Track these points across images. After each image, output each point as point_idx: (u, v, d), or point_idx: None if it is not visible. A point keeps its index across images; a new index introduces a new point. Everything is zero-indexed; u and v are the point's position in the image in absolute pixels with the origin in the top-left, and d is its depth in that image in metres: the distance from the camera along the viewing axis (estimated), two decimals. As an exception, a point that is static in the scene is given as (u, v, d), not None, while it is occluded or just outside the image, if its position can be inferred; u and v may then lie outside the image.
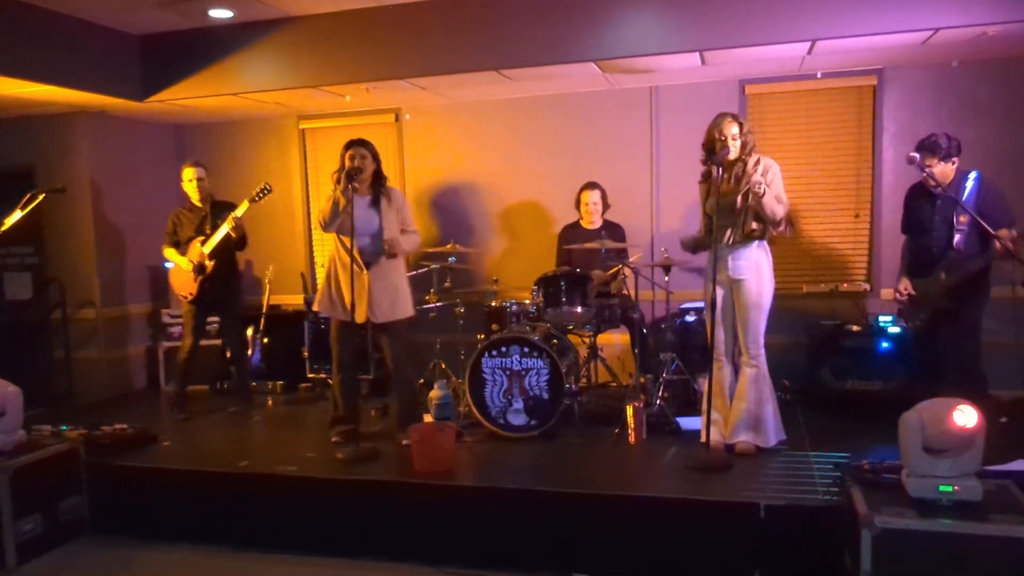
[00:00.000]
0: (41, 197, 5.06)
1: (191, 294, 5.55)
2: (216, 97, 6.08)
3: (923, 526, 2.88)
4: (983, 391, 4.88)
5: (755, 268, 4.29)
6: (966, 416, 2.94)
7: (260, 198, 5.45)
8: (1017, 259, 4.03)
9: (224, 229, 5.40)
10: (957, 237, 4.41)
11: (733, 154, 4.21)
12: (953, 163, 4.38)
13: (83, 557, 4.24)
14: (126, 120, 6.77)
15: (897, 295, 4.73)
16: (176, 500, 4.41)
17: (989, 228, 4.09)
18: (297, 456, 4.56)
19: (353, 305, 4.56)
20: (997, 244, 4.13)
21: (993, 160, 5.41)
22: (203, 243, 5.48)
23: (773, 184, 4.20)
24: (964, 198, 4.32)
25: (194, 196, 5.60)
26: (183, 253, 5.57)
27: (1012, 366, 4.71)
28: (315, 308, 5.05)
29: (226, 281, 5.67)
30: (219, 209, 5.57)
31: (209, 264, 5.47)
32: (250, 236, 5.68)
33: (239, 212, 5.38)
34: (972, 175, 4.38)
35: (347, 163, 4.57)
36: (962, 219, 4.38)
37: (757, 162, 4.25)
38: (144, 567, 4.10)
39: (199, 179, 5.57)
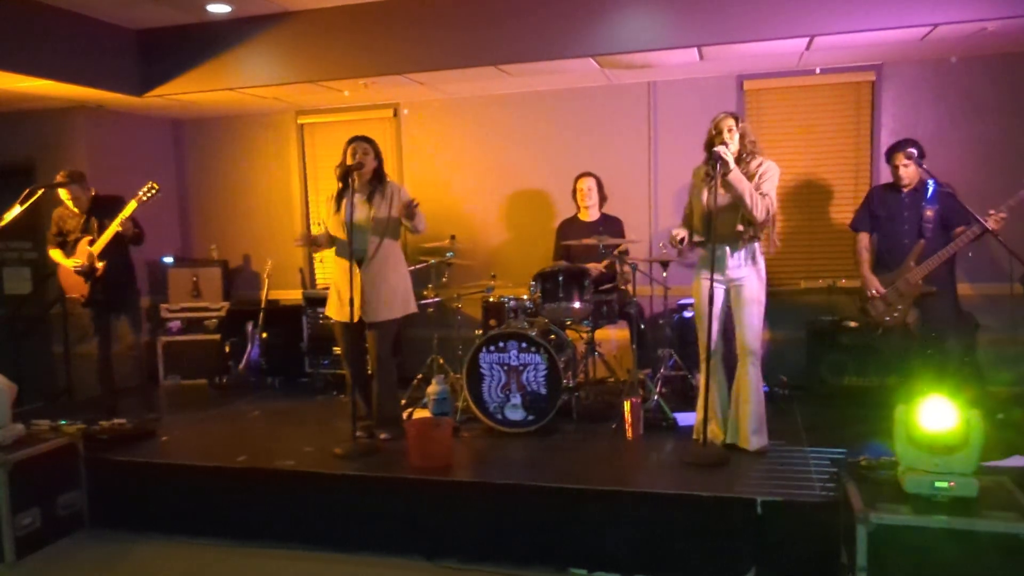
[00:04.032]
0: (40, 192, 5.05)
1: (83, 296, 5.32)
2: (214, 92, 6.07)
3: (918, 522, 2.88)
4: (980, 387, 4.91)
5: (751, 268, 4.26)
6: (951, 414, 2.95)
7: (147, 198, 5.21)
8: (1011, 251, 4.19)
9: (112, 231, 5.15)
10: (927, 228, 4.63)
11: (733, 148, 4.16)
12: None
13: (81, 551, 4.25)
14: (124, 115, 6.77)
15: (874, 292, 4.77)
16: (174, 495, 4.42)
17: (972, 214, 4.38)
18: (295, 451, 4.56)
19: (352, 303, 4.53)
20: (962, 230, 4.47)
21: (992, 156, 5.43)
22: (91, 243, 5.23)
23: (764, 183, 4.15)
24: (928, 196, 4.67)
25: (73, 209, 5.34)
26: (70, 254, 5.32)
27: (1009, 363, 4.72)
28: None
29: (121, 281, 5.44)
30: (103, 206, 5.32)
31: (100, 265, 5.22)
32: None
33: (126, 213, 5.13)
34: (930, 182, 4.69)
35: (349, 158, 4.56)
36: (928, 213, 4.65)
37: (759, 164, 4.20)
38: (142, 561, 4.10)
39: (75, 198, 5.28)
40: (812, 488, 3.66)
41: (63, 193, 5.28)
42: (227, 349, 6.56)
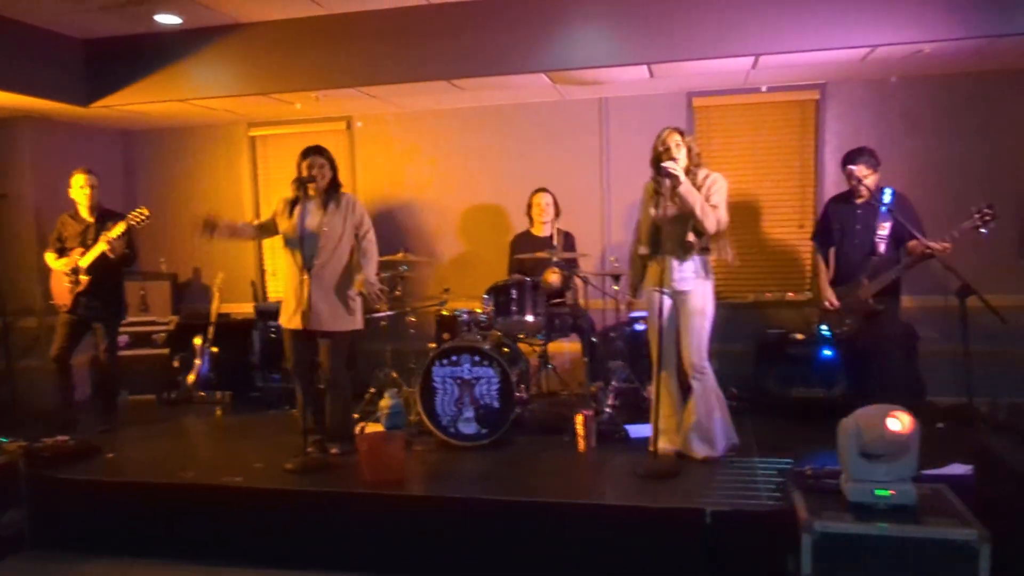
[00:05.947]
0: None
1: (65, 306, 5.28)
2: (164, 103, 5.99)
3: (860, 530, 2.95)
4: (920, 397, 5.04)
5: (698, 281, 4.30)
6: (900, 422, 3.03)
7: (136, 223, 5.15)
8: (947, 266, 4.25)
9: (100, 248, 5.12)
10: (881, 245, 4.66)
11: (681, 162, 4.21)
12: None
13: (23, 572, 4.14)
14: (71, 125, 6.63)
15: (828, 304, 4.86)
16: (119, 513, 4.32)
17: (917, 233, 4.45)
18: (244, 467, 4.50)
19: (302, 311, 4.50)
20: (914, 247, 4.51)
21: (930, 172, 5.60)
22: (81, 255, 5.21)
23: (713, 195, 4.22)
24: (882, 211, 4.65)
25: (82, 203, 5.31)
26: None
27: (947, 373, 4.86)
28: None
29: (106, 298, 5.36)
30: (105, 220, 5.30)
31: (84, 279, 5.19)
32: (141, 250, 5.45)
33: (114, 234, 5.09)
34: (888, 190, 4.68)
35: (304, 172, 4.53)
36: (883, 227, 4.66)
37: (706, 176, 4.29)
38: (86, 582, 4.02)
39: (91, 187, 5.29)
40: (759, 498, 3.73)
41: (79, 180, 5.27)
42: (176, 364, 6.45)
